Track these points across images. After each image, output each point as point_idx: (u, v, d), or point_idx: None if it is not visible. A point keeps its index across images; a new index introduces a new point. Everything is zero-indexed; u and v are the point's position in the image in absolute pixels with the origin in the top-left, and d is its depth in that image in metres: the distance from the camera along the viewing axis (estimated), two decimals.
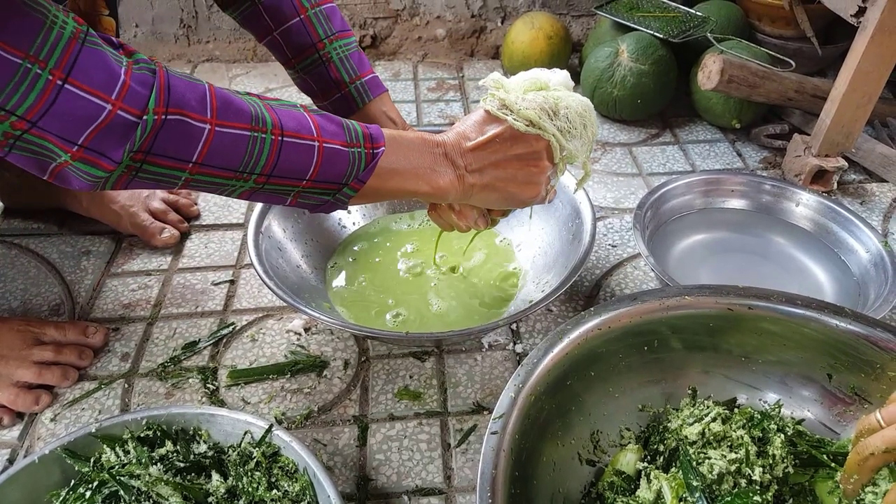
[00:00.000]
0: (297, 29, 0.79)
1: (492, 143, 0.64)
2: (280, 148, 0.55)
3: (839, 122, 1.03)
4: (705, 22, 1.26)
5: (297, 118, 0.57)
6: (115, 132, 0.48)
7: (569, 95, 0.68)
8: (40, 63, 0.45)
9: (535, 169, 0.66)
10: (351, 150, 0.59)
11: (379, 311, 0.83)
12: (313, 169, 0.57)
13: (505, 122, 0.64)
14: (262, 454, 0.62)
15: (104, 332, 0.82)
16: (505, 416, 0.55)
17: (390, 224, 0.96)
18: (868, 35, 0.94)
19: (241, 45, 1.50)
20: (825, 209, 0.94)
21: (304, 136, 0.57)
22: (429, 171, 0.63)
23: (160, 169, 0.52)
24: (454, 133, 0.65)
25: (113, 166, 0.49)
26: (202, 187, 0.56)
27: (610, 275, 0.94)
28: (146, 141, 0.50)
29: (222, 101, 0.53)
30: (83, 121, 0.47)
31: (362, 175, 0.60)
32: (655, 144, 1.22)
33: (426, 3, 1.49)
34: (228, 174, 0.55)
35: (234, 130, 0.53)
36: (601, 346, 0.63)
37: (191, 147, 0.52)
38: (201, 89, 0.52)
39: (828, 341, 0.63)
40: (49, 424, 0.73)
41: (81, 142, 0.48)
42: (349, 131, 0.59)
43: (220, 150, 0.53)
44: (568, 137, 0.67)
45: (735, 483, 0.57)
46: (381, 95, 0.83)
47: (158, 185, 0.54)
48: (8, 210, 1.02)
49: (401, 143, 0.62)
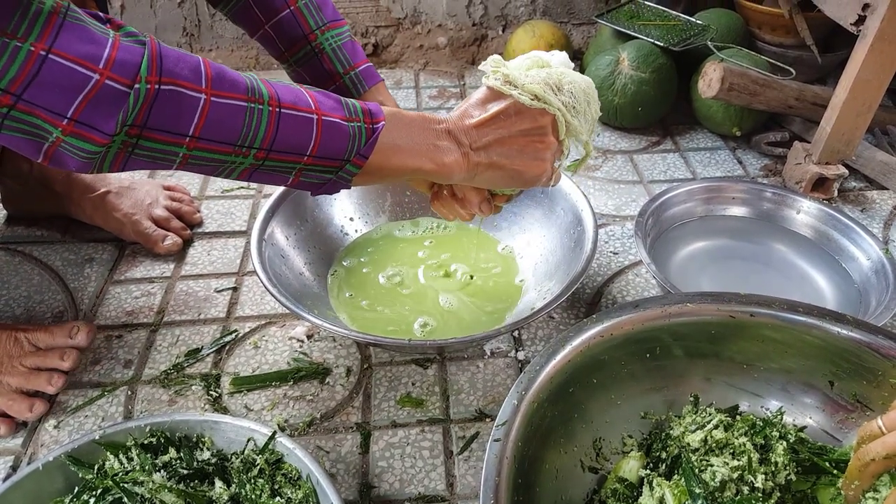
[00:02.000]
0: (287, 21, 0.78)
1: (496, 119, 0.63)
2: (278, 120, 0.54)
3: (839, 130, 1.04)
4: (706, 30, 1.26)
5: (293, 92, 0.56)
6: (105, 103, 0.47)
7: (572, 73, 0.67)
8: (19, 38, 0.44)
9: (541, 145, 0.64)
10: (350, 125, 0.57)
11: (393, 320, 0.83)
12: (313, 143, 0.56)
13: (509, 98, 0.62)
14: (265, 461, 0.62)
15: (87, 331, 0.79)
16: (508, 423, 0.55)
17: (393, 231, 0.97)
18: (868, 43, 0.94)
19: (243, 52, 1.50)
20: (826, 216, 0.95)
21: (301, 109, 0.56)
22: (432, 148, 0.61)
23: (157, 145, 0.51)
24: (457, 111, 0.64)
25: (106, 139, 0.48)
26: (201, 165, 0.54)
27: (611, 282, 0.94)
28: (141, 113, 0.48)
29: (217, 73, 0.52)
30: (70, 91, 0.46)
31: (364, 150, 0.58)
32: (656, 152, 1.23)
33: (428, 12, 1.50)
34: (227, 149, 0.53)
35: (231, 101, 0.52)
36: (603, 354, 0.63)
37: (187, 119, 0.51)
38: (194, 60, 0.51)
39: (829, 349, 0.63)
40: (52, 431, 0.73)
41: (71, 114, 0.46)
42: (347, 107, 0.58)
43: (217, 122, 0.52)
44: (573, 113, 0.65)
45: (737, 490, 0.57)
46: (377, 85, 0.82)
47: (155, 163, 0.53)
48: (11, 217, 1.03)
49: (401, 120, 0.61)
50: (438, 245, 0.94)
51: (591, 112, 0.68)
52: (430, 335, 0.81)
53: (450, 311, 0.84)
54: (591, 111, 0.68)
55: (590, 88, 0.68)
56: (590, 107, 0.68)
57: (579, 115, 0.66)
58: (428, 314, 0.84)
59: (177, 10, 1.44)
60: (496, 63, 0.65)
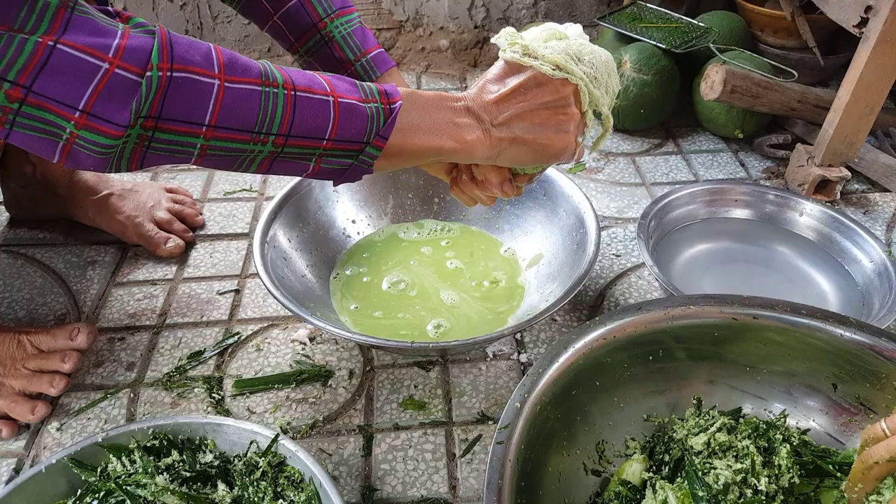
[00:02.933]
0: (296, 10, 0.78)
1: (516, 92, 0.61)
2: (294, 103, 0.53)
3: (842, 132, 1.03)
4: (708, 33, 1.26)
5: (307, 76, 0.56)
6: (117, 92, 0.46)
7: (590, 44, 0.65)
8: (27, 32, 0.44)
9: (564, 116, 0.62)
10: (367, 105, 0.56)
11: (406, 324, 0.84)
12: (331, 126, 0.55)
13: (528, 70, 0.61)
14: (268, 464, 0.62)
15: (88, 332, 0.79)
16: (510, 426, 0.55)
17: (398, 233, 0.97)
18: (870, 46, 0.94)
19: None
20: (829, 219, 0.94)
21: (317, 91, 0.55)
22: (452, 126, 0.59)
23: (174, 136, 0.50)
24: (474, 88, 0.62)
25: (120, 132, 0.47)
26: (220, 157, 0.54)
27: (614, 284, 0.94)
28: (155, 102, 0.48)
29: (228, 58, 0.52)
30: (81, 81, 0.45)
31: (383, 130, 0.57)
32: (658, 154, 1.23)
33: (430, 15, 1.50)
34: (245, 136, 0.52)
35: (245, 86, 0.51)
36: (606, 356, 0.63)
37: (202, 106, 0.50)
38: (205, 47, 0.51)
39: (833, 351, 0.63)
40: (55, 434, 0.73)
41: (83, 106, 0.46)
42: (363, 89, 0.57)
43: (233, 108, 0.51)
44: (595, 84, 0.64)
45: (741, 493, 0.57)
46: (389, 70, 0.81)
47: (173, 157, 0.52)
48: (14, 220, 1.03)
49: (419, 99, 0.59)
50: (442, 248, 0.94)
51: (612, 84, 0.66)
52: (443, 336, 0.82)
53: (460, 312, 0.85)
54: (612, 83, 0.66)
55: (609, 60, 0.66)
56: (610, 78, 0.66)
57: (601, 87, 0.64)
58: (442, 316, 0.84)
59: (179, 12, 1.45)
60: (511, 35, 0.63)
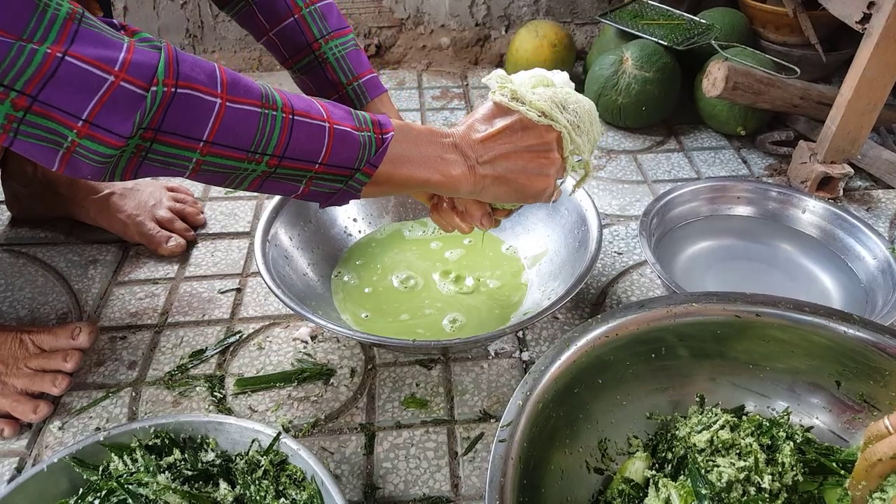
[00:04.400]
0: (291, 29, 0.78)
1: (502, 134, 0.64)
2: (291, 126, 0.55)
3: (845, 129, 1.03)
4: (710, 29, 1.26)
5: (306, 101, 0.57)
6: (122, 105, 0.47)
7: (575, 93, 0.69)
8: (36, 42, 0.45)
9: (546, 160, 0.66)
10: (361, 134, 0.58)
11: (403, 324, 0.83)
12: (325, 151, 0.57)
13: (515, 114, 0.64)
14: (269, 462, 0.62)
15: (89, 331, 0.79)
16: (513, 424, 0.55)
17: (403, 231, 0.96)
18: (873, 42, 0.94)
19: (246, 54, 1.50)
20: (831, 216, 0.94)
21: (314, 117, 0.56)
22: (440, 161, 0.62)
23: (170, 149, 0.51)
24: (463, 126, 0.65)
25: (121, 142, 0.48)
26: (213, 173, 0.55)
27: (616, 282, 0.94)
28: (157, 116, 0.49)
29: (232, 78, 0.53)
30: (86, 92, 0.46)
31: (374, 159, 0.59)
32: (660, 151, 1.22)
33: (430, 12, 1.50)
34: (241, 155, 0.53)
35: (245, 106, 0.53)
36: (608, 354, 0.63)
37: (202, 123, 0.51)
38: (210, 66, 0.52)
39: (836, 348, 0.62)
40: (57, 433, 0.73)
41: (87, 115, 0.47)
42: (357, 118, 0.59)
43: (231, 127, 0.52)
44: (577, 132, 0.67)
45: (744, 491, 0.57)
46: (381, 96, 0.82)
47: (168, 169, 0.53)
48: (16, 219, 1.03)
49: (410, 131, 0.62)
50: (443, 247, 0.94)
51: (594, 133, 0.70)
52: (459, 330, 0.82)
53: (471, 306, 0.85)
54: (594, 131, 0.70)
55: (592, 109, 0.69)
56: (592, 127, 0.69)
57: (583, 134, 0.68)
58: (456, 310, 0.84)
59: (180, 11, 1.44)
60: (502, 79, 0.66)
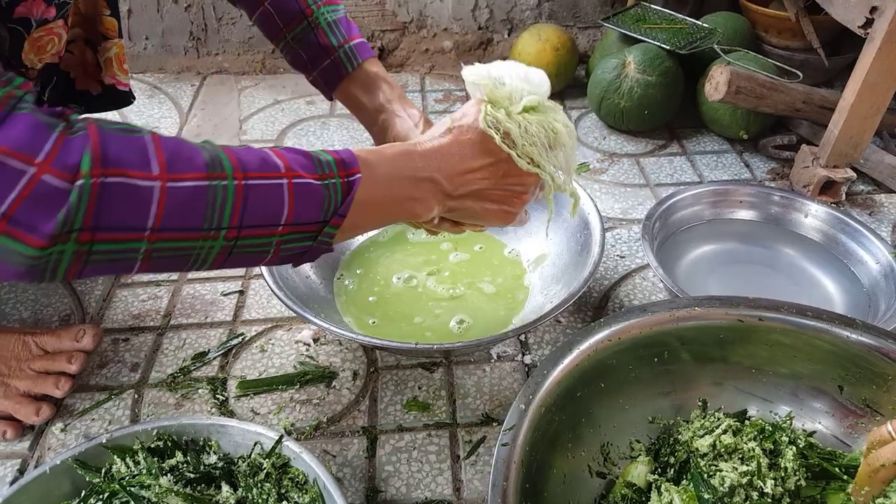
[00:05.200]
0: None
1: (485, 170, 0.62)
2: (245, 193, 0.49)
3: (847, 133, 1.03)
4: (712, 33, 1.26)
5: (259, 155, 0.52)
6: (43, 201, 0.42)
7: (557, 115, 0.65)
8: None
9: (518, 200, 0.65)
10: (324, 183, 0.53)
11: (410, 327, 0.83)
12: (287, 210, 0.52)
13: (503, 155, 0.61)
14: (272, 465, 0.62)
15: (93, 334, 0.79)
16: (515, 427, 0.55)
17: (406, 233, 0.96)
18: (876, 46, 0.94)
19: (249, 57, 1.51)
20: (834, 220, 0.94)
21: (270, 175, 0.51)
22: (409, 202, 0.59)
23: (114, 246, 0.46)
24: (446, 147, 0.61)
25: (43, 242, 0.43)
26: (168, 258, 0.49)
27: (618, 286, 0.94)
28: (89, 214, 0.43)
29: (170, 152, 0.47)
30: (4, 185, 0.41)
31: (342, 209, 0.55)
32: (663, 155, 1.22)
33: (433, 16, 1.50)
34: (194, 235, 0.48)
35: (189, 183, 0.47)
36: (611, 358, 0.63)
37: (143, 211, 0.45)
38: (141, 143, 0.46)
39: (839, 353, 0.62)
40: (59, 435, 0.73)
41: (4, 211, 0.41)
42: (319, 163, 0.54)
43: (177, 209, 0.47)
44: (563, 171, 0.66)
45: (747, 496, 0.57)
46: (371, 58, 0.81)
47: (115, 265, 0.47)
48: None
49: (378, 167, 0.57)
50: (446, 249, 0.94)
51: (573, 163, 0.68)
52: (466, 332, 0.82)
53: (476, 307, 0.85)
54: (573, 163, 0.68)
55: (573, 132, 0.66)
56: (574, 159, 0.68)
57: (568, 171, 0.67)
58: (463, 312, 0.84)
59: (183, 14, 1.45)
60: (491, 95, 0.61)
